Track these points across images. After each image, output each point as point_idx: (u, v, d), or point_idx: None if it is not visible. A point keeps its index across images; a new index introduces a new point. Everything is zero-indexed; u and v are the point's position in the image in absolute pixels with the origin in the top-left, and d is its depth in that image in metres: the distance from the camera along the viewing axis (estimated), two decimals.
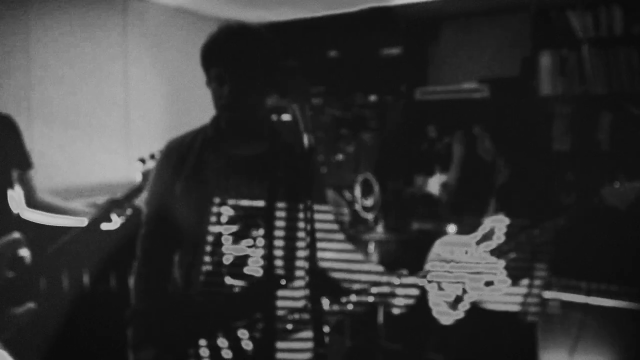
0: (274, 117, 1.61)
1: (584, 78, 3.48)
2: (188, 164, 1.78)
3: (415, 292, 1.91)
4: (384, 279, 1.88)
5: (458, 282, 2.77)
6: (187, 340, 1.76)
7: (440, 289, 2.62)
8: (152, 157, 2.16)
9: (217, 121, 1.82)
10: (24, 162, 2.44)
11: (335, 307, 1.84)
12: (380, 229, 3.55)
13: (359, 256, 1.95)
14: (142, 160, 2.13)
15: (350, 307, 1.87)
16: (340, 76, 4.40)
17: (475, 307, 2.73)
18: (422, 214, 4.03)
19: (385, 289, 1.87)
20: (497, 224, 2.75)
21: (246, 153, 1.79)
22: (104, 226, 2.30)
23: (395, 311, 1.97)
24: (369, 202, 3.63)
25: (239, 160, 1.78)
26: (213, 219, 1.75)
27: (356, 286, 1.89)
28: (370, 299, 1.90)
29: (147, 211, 1.85)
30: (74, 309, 3.16)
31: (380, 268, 1.95)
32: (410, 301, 1.92)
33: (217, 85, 1.73)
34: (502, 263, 2.62)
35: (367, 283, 1.89)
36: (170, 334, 1.77)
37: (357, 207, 3.60)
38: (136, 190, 2.21)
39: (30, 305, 1.90)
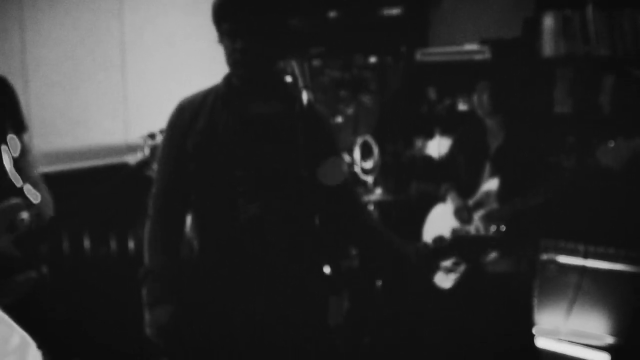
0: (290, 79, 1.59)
1: (587, 39, 3.43)
2: (200, 121, 1.75)
3: None
4: None
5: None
6: (203, 300, 1.77)
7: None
8: (162, 132, 2.13)
9: (229, 78, 1.79)
10: (18, 125, 2.40)
11: None
12: (379, 191, 3.55)
13: None
14: (152, 136, 2.11)
15: None
16: (339, 37, 4.33)
17: (473, 271, 2.76)
18: (421, 176, 4.03)
19: None
20: (492, 188, 2.75)
21: (260, 111, 1.75)
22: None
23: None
24: (368, 164, 3.62)
25: (252, 118, 1.75)
26: (226, 178, 1.72)
27: None
28: None
29: (158, 169, 1.84)
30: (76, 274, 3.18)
31: None
32: None
33: (230, 41, 1.68)
34: (496, 228, 2.64)
35: None
36: (186, 292, 1.77)
37: (357, 169, 3.59)
38: (144, 164, 2.17)
39: (32, 274, 1.91)
